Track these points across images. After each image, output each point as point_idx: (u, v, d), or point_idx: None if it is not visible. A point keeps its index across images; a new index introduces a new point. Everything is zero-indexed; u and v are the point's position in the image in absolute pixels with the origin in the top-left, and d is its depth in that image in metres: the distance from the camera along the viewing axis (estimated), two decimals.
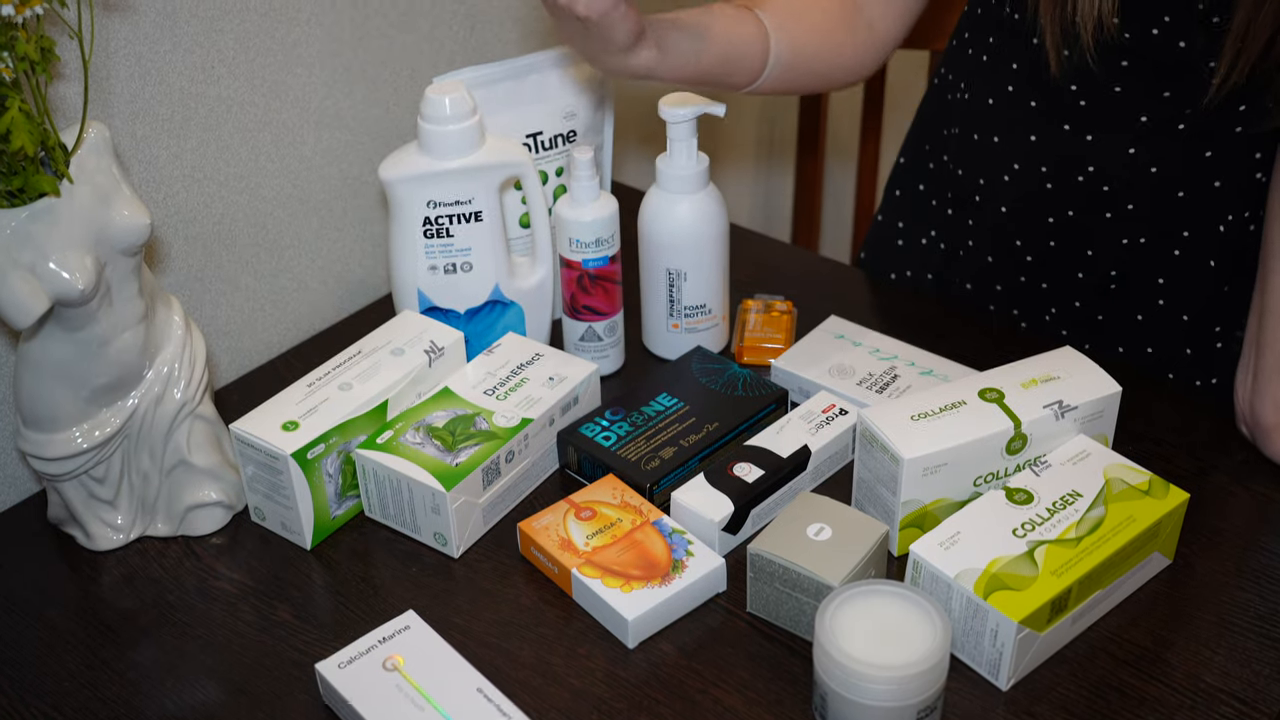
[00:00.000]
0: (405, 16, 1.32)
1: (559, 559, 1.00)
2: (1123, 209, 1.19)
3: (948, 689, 0.91)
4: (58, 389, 0.99)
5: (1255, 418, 1.11)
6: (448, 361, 1.14)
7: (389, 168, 1.14)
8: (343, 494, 1.08)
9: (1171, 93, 1.12)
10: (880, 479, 1.01)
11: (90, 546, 1.07)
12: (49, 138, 0.91)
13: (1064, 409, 1.01)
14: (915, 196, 1.37)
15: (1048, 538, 0.94)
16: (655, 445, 1.10)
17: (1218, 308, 1.23)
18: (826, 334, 1.24)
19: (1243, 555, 1.03)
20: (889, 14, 1.18)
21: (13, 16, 0.83)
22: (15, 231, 0.90)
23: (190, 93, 1.17)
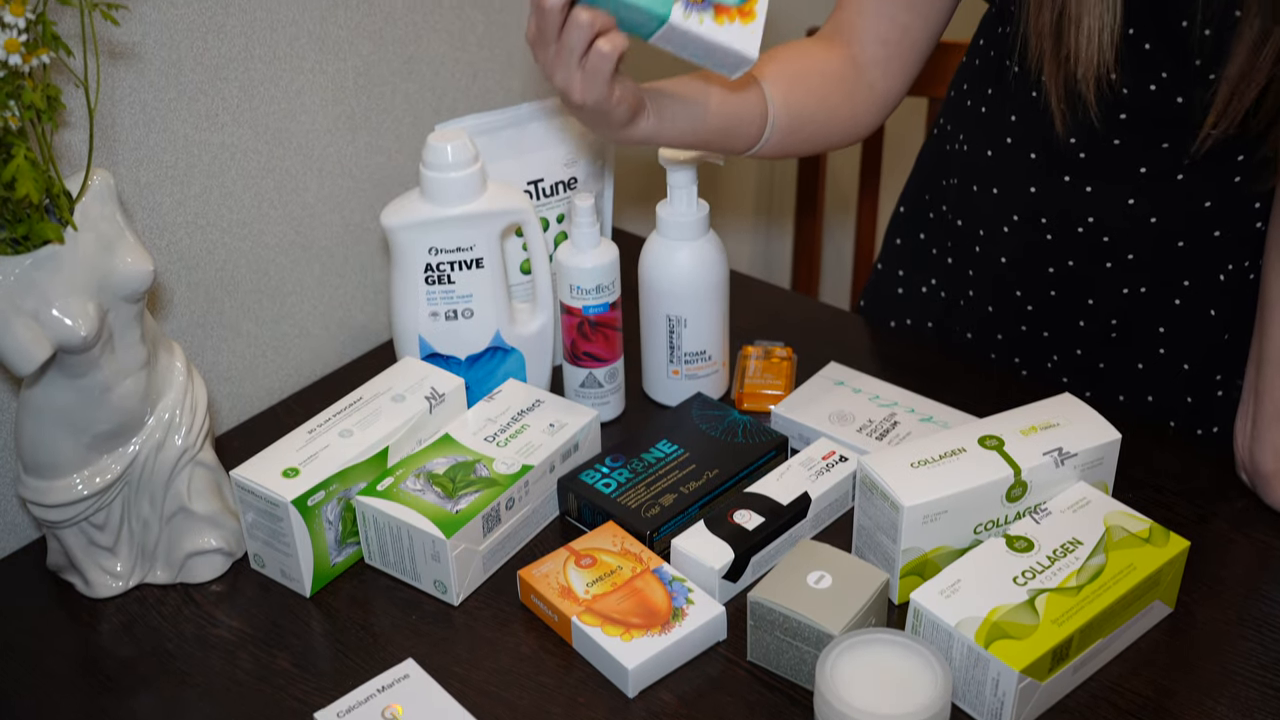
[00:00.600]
0: (408, 64, 1.33)
1: (559, 607, 1.00)
2: (1123, 259, 1.19)
3: None
4: (59, 435, 0.99)
5: (1255, 465, 1.11)
6: (448, 408, 1.14)
7: (391, 214, 1.14)
8: (343, 541, 1.07)
9: (1170, 144, 1.13)
10: (880, 526, 1.01)
11: (89, 594, 1.06)
12: (54, 185, 0.92)
13: (1064, 456, 1.01)
14: (915, 245, 1.38)
15: (1048, 586, 0.94)
16: (655, 492, 1.10)
17: (1218, 356, 1.23)
18: (826, 380, 1.24)
19: (1244, 604, 1.03)
20: (889, 74, 1.18)
21: (20, 66, 0.84)
22: (19, 278, 0.91)
23: (194, 140, 1.17)
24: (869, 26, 1.17)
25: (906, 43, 1.18)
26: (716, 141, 1.07)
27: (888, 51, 1.18)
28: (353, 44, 1.27)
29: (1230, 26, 1.02)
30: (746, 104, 1.08)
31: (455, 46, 1.37)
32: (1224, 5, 1.01)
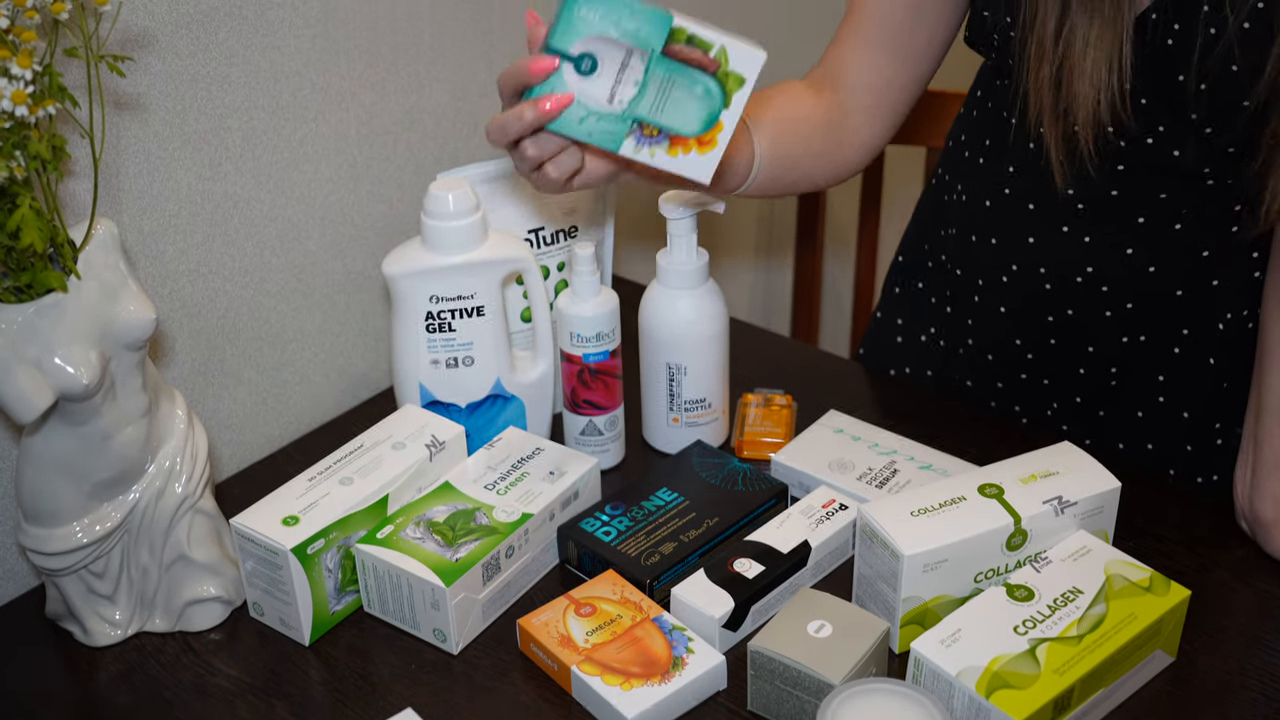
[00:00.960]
0: (410, 114, 1.34)
1: (558, 656, 0.99)
2: (1122, 308, 1.20)
3: None
4: (59, 483, 0.99)
5: (1255, 513, 1.10)
6: (449, 456, 1.14)
7: (392, 263, 1.15)
8: (342, 589, 1.07)
9: (1167, 195, 1.13)
10: (881, 575, 1.01)
11: (88, 642, 1.06)
12: (58, 234, 0.92)
13: (1064, 504, 1.01)
14: (914, 294, 1.38)
15: (1049, 635, 0.94)
16: (655, 540, 1.10)
17: (1218, 405, 1.23)
18: (826, 429, 1.24)
19: (1246, 653, 1.02)
20: (872, 122, 1.20)
21: (26, 117, 0.84)
22: (22, 326, 0.91)
23: (197, 189, 1.18)
24: (855, 75, 1.19)
25: (891, 92, 1.20)
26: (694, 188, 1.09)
27: (873, 100, 1.20)
28: (355, 94, 1.28)
29: (1227, 82, 1.02)
30: (735, 149, 1.09)
31: (457, 97, 1.38)
32: (1221, 61, 1.02)
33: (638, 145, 0.96)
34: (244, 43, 1.17)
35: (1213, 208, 1.13)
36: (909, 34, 1.17)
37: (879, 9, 1.17)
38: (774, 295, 2.04)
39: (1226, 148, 1.07)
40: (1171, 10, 1.04)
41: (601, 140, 0.95)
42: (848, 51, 1.19)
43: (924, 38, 1.18)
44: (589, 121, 0.95)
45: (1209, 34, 1.02)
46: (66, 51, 0.90)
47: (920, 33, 1.18)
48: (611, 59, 0.93)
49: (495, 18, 1.40)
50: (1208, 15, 1.02)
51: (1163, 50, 1.05)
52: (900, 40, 1.18)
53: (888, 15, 1.17)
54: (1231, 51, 1.01)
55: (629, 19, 0.92)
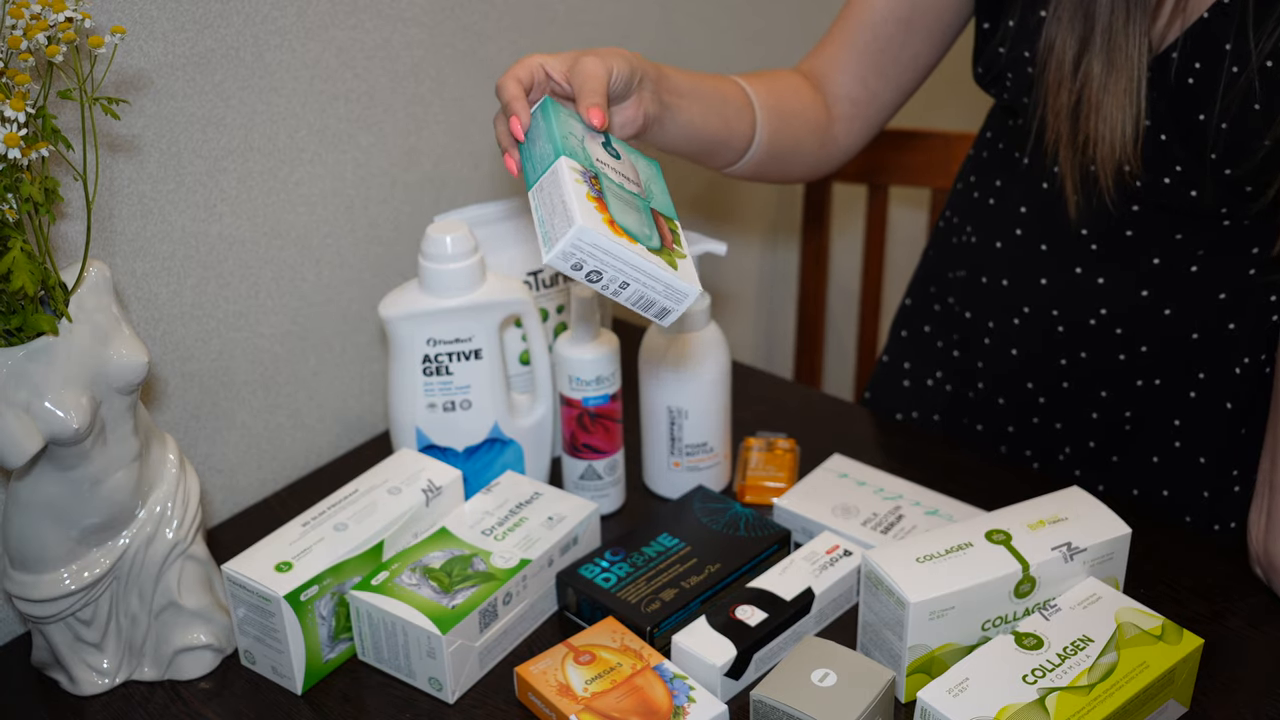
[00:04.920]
0: (408, 155, 1.35)
1: (557, 705, 0.99)
2: (1136, 351, 1.20)
3: None
4: (47, 528, 0.99)
5: (1270, 560, 1.10)
6: (445, 501, 1.14)
7: (389, 305, 1.16)
8: (336, 637, 1.07)
9: (1183, 235, 1.14)
10: (886, 622, 1.01)
11: (75, 692, 1.06)
12: (49, 277, 0.92)
13: (1073, 551, 1.01)
14: (921, 338, 1.39)
15: (1059, 684, 0.93)
16: (656, 587, 1.10)
17: (1235, 451, 1.23)
18: (830, 473, 1.24)
19: (1260, 703, 1.02)
20: (851, 131, 1.23)
21: (19, 159, 0.85)
22: (11, 370, 0.91)
23: (191, 231, 1.19)
24: (842, 84, 1.20)
25: (873, 106, 1.22)
26: (699, 156, 1.10)
27: (854, 111, 1.21)
28: (352, 136, 1.29)
29: (1247, 119, 1.03)
30: (737, 130, 1.11)
31: (456, 137, 1.39)
32: (1241, 99, 1.03)
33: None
34: (240, 85, 1.18)
35: (1229, 249, 1.14)
36: (898, 49, 1.19)
37: (872, 18, 1.18)
38: (776, 338, 2.05)
39: (1244, 186, 1.07)
40: (1192, 49, 1.04)
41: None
42: (838, 56, 1.20)
43: (910, 56, 1.19)
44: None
45: (1231, 72, 1.03)
46: (61, 94, 0.91)
47: (908, 50, 1.19)
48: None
49: (493, 58, 1.41)
50: (1229, 54, 1.03)
51: (1183, 89, 1.06)
52: (889, 55, 1.19)
53: (879, 26, 1.18)
54: (1253, 88, 1.02)
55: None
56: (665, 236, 0.91)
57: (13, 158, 0.84)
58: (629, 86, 0.98)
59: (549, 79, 0.96)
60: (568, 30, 1.48)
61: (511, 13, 1.41)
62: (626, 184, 0.93)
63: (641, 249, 0.87)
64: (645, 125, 1.00)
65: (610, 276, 0.87)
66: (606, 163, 0.93)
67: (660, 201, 0.94)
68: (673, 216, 0.94)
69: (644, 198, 0.93)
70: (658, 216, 0.92)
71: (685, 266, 0.90)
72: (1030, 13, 1.09)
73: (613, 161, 0.94)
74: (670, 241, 0.91)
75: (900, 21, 1.17)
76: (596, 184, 0.90)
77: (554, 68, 0.96)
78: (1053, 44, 1.06)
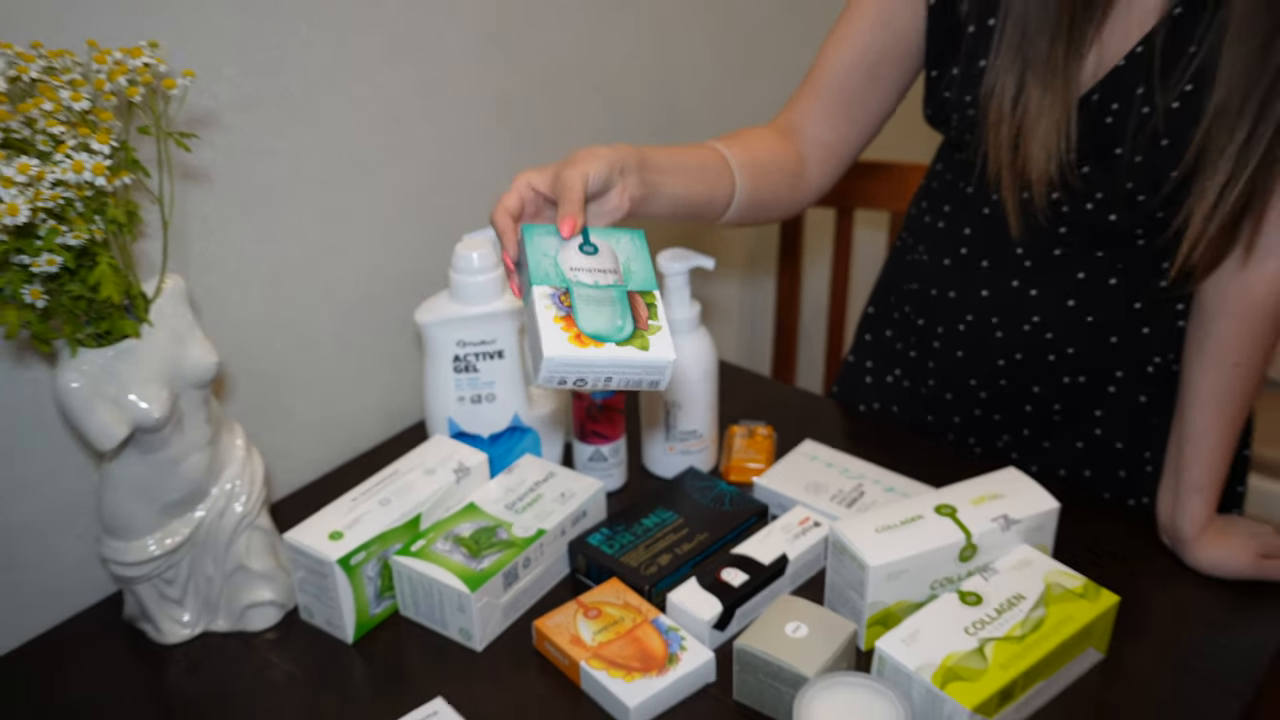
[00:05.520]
0: (438, 182, 1.35)
1: (569, 653, 1.00)
2: (1063, 352, 1.20)
3: None
4: (135, 503, 0.99)
5: (1176, 531, 1.11)
6: (473, 480, 1.14)
7: (424, 313, 1.16)
8: (381, 595, 1.07)
9: (1104, 253, 1.14)
10: (849, 583, 1.01)
11: (160, 640, 1.06)
12: (132, 288, 0.93)
13: (1009, 522, 1.02)
14: (882, 341, 1.38)
15: (996, 635, 0.94)
16: (653, 553, 1.10)
17: (1147, 437, 1.23)
18: (802, 456, 1.24)
19: (1166, 651, 1.03)
20: (823, 173, 1.20)
21: (105, 186, 0.85)
22: (102, 368, 0.92)
23: (252, 249, 1.19)
24: (814, 132, 1.18)
25: (841, 150, 1.20)
26: (688, 218, 1.08)
27: (825, 154, 1.19)
28: (387, 163, 1.29)
29: (1157, 154, 1.03)
30: (719, 191, 1.09)
31: (479, 167, 1.38)
32: (1151, 137, 1.03)
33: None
34: (291, 121, 1.18)
35: (1143, 265, 1.14)
36: (862, 98, 1.17)
37: (838, 74, 1.16)
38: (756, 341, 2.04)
39: (1155, 212, 1.07)
40: (1109, 92, 1.04)
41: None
42: (809, 108, 1.18)
43: (873, 103, 1.17)
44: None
45: (1142, 113, 1.03)
46: (140, 129, 0.90)
47: (871, 99, 1.17)
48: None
49: (512, 99, 1.40)
50: (1141, 97, 1.03)
51: (1102, 126, 1.06)
52: (855, 104, 1.17)
53: (845, 79, 1.16)
54: (1159, 128, 1.02)
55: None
56: (640, 316, 0.88)
57: (100, 185, 0.84)
58: (608, 181, 0.94)
59: (537, 195, 0.93)
60: (575, 74, 1.48)
61: (525, 59, 1.41)
62: (602, 278, 0.90)
63: (610, 347, 0.85)
64: (632, 207, 0.97)
65: (593, 379, 0.86)
66: (581, 267, 0.90)
67: (639, 278, 0.91)
68: (651, 289, 0.91)
69: (620, 284, 0.90)
70: (634, 297, 0.89)
71: (658, 340, 0.87)
72: (972, 62, 1.09)
73: (588, 262, 0.91)
74: (645, 319, 0.88)
75: (864, 75, 1.16)
76: (566, 299, 0.87)
77: (539, 184, 0.93)
78: (992, 88, 1.05)
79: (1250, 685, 0.99)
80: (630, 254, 0.94)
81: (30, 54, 0.85)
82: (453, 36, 1.31)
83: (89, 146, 0.84)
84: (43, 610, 1.12)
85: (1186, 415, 1.11)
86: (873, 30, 1.14)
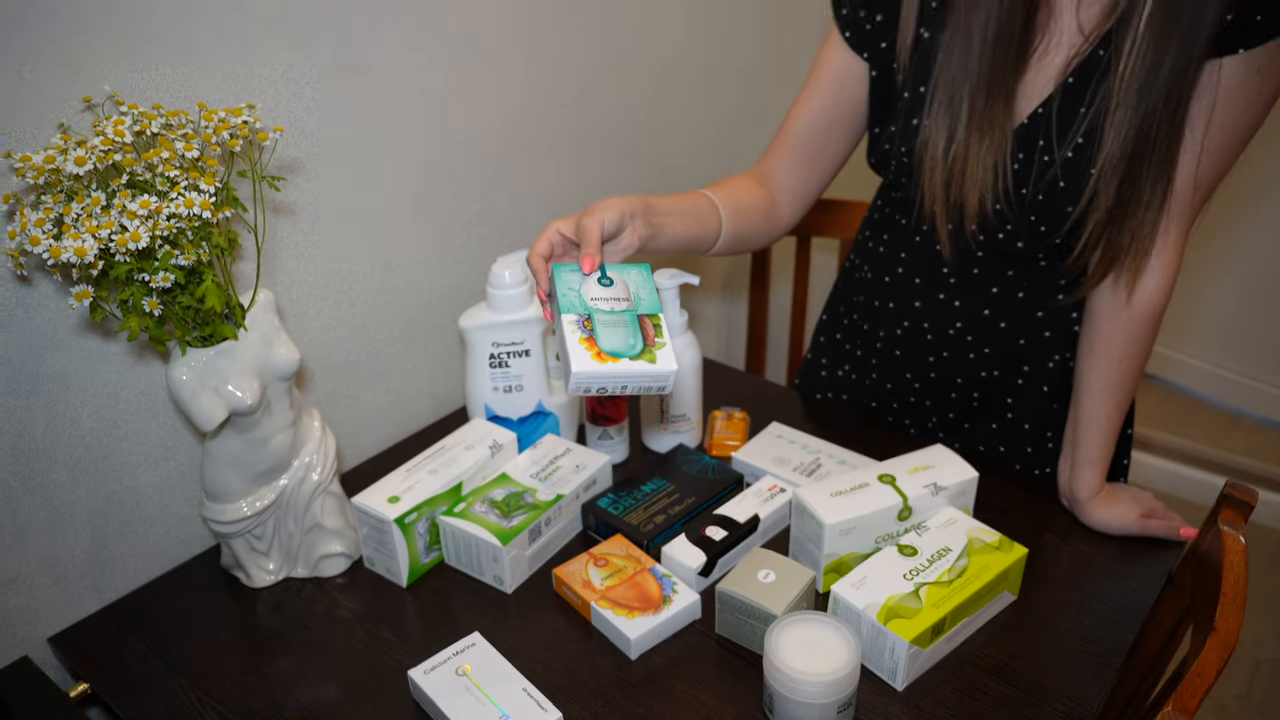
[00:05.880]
0: (479, 215, 1.35)
1: (582, 595, 1.00)
2: (981, 352, 1.20)
3: (859, 690, 0.90)
4: (231, 473, 0.99)
5: (1073, 495, 1.11)
6: (505, 454, 1.14)
7: (465, 319, 1.15)
8: (430, 547, 1.07)
9: (1014, 272, 1.13)
10: (809, 537, 1.01)
11: (250, 585, 1.06)
12: (231, 300, 0.93)
13: (938, 488, 1.02)
14: (834, 343, 1.38)
15: (928, 580, 0.94)
16: (651, 513, 1.09)
17: (1049, 419, 1.22)
18: (771, 435, 1.24)
19: (1066, 593, 1.02)
20: (790, 212, 1.21)
21: (210, 218, 0.86)
22: (206, 364, 0.92)
23: (328, 269, 1.19)
24: (782, 178, 1.19)
25: (805, 192, 1.21)
26: (685, 251, 1.09)
27: (791, 197, 1.20)
28: (439, 202, 1.29)
29: (1055, 195, 1.03)
30: (709, 229, 1.10)
31: (512, 203, 1.38)
32: (1051, 180, 1.02)
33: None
34: (361, 168, 1.18)
35: (1045, 282, 1.13)
36: (820, 151, 1.18)
37: (801, 133, 1.17)
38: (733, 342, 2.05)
39: (1055, 241, 1.07)
40: (1017, 145, 1.04)
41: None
42: (779, 160, 1.19)
43: (830, 155, 1.18)
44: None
45: (1043, 161, 1.03)
46: (239, 173, 0.91)
47: (828, 151, 1.18)
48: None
49: (540, 149, 1.40)
50: (1041, 148, 1.03)
51: (1012, 172, 1.05)
52: (813, 156, 1.18)
53: (807, 139, 1.17)
54: (1057, 174, 1.02)
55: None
56: (648, 335, 0.89)
57: (205, 218, 0.85)
58: (620, 226, 0.96)
59: (563, 238, 0.95)
60: (590, 138, 1.48)
61: (550, 125, 1.40)
62: (617, 305, 0.91)
63: (625, 362, 0.86)
64: (641, 245, 0.99)
65: (612, 387, 0.87)
66: (600, 297, 0.91)
67: (647, 303, 0.92)
68: (657, 311, 0.91)
69: (632, 309, 0.91)
70: (643, 320, 0.90)
71: (663, 354, 0.88)
72: (908, 121, 1.09)
73: (605, 293, 0.92)
74: (652, 337, 0.89)
75: (820, 133, 1.17)
76: (589, 324, 0.88)
77: (565, 229, 0.95)
78: (926, 141, 1.06)
79: (1136, 621, 0.99)
80: (639, 284, 0.94)
81: (152, 113, 0.86)
82: (491, 102, 1.30)
83: (198, 187, 0.85)
84: (157, 559, 1.11)
85: (1080, 402, 1.11)
86: (825, 98, 1.16)
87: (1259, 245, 2.61)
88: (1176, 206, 1.00)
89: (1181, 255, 1.04)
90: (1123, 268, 1.04)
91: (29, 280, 0.93)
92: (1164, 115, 0.95)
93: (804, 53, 1.58)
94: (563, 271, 0.93)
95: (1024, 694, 0.91)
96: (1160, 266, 1.03)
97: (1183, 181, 0.99)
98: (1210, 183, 1.00)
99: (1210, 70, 0.94)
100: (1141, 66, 0.94)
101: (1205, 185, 1.00)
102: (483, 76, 1.28)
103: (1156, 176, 0.97)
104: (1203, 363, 2.82)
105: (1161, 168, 0.97)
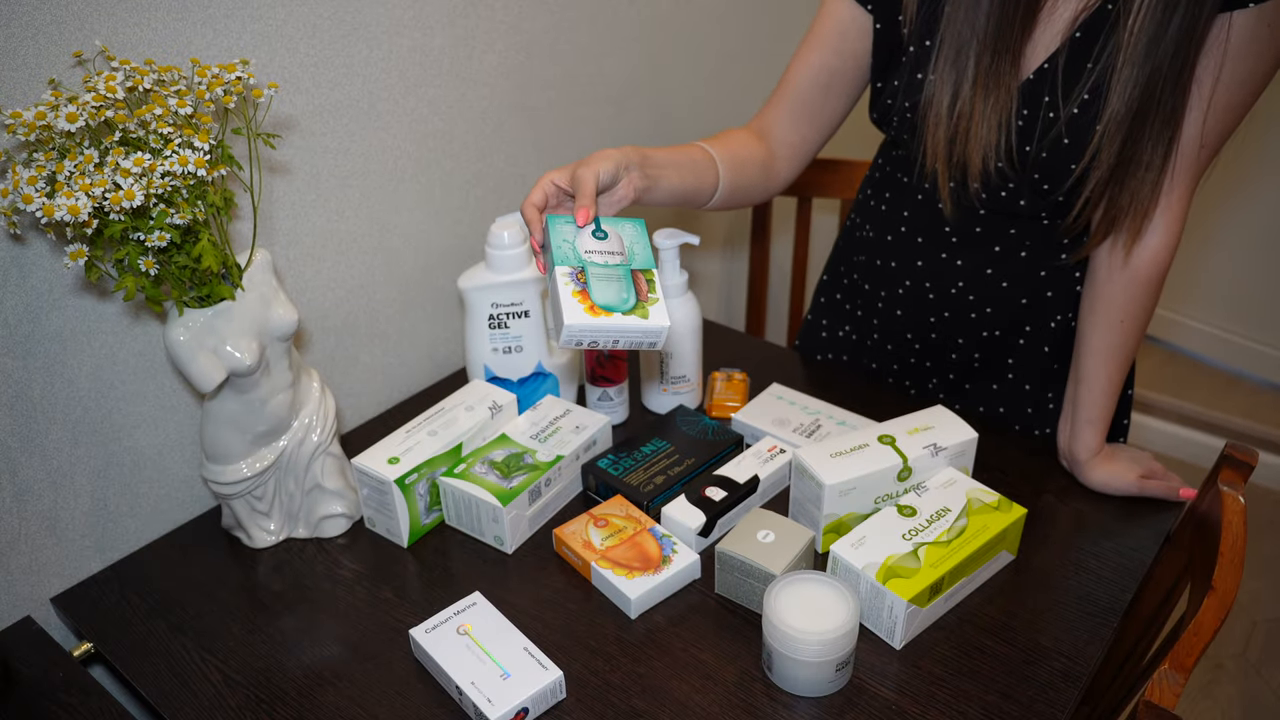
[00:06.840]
0: (477, 175, 1.34)
1: (582, 555, 1.00)
2: (983, 311, 1.19)
3: (858, 648, 0.90)
4: (230, 434, 0.99)
5: (1073, 456, 1.11)
6: (505, 415, 1.14)
7: (464, 280, 1.15)
8: (430, 508, 1.07)
9: (1016, 231, 1.13)
10: (809, 498, 1.01)
11: (251, 545, 1.07)
12: (228, 259, 0.93)
13: (938, 449, 1.02)
14: (834, 304, 1.38)
15: (927, 540, 0.94)
16: (650, 474, 1.10)
17: (1050, 380, 1.22)
18: (771, 396, 1.24)
19: (1065, 552, 1.03)
20: (788, 167, 1.20)
21: (205, 177, 0.85)
22: (203, 324, 0.92)
23: (326, 229, 1.18)
24: (780, 134, 1.19)
25: (804, 148, 1.20)
26: (682, 204, 1.09)
27: (790, 153, 1.20)
28: (438, 161, 1.28)
29: (1059, 152, 1.02)
30: (706, 182, 1.10)
31: (509, 163, 1.38)
32: (1055, 137, 1.02)
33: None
34: (359, 125, 1.17)
35: (1047, 240, 1.13)
36: (819, 106, 1.17)
37: (800, 88, 1.16)
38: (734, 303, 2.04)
39: (1057, 199, 1.06)
40: (1022, 100, 1.03)
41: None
42: (777, 115, 1.18)
43: (829, 111, 1.17)
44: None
45: (1048, 118, 1.02)
46: (234, 131, 0.91)
47: (827, 107, 1.17)
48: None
49: (538, 109, 1.39)
50: (1047, 104, 1.02)
51: (1016, 129, 1.05)
52: (813, 111, 1.17)
53: (807, 94, 1.16)
54: (1061, 131, 1.01)
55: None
56: (641, 290, 0.89)
57: (200, 175, 0.85)
58: (616, 177, 0.95)
59: (558, 189, 0.94)
60: (588, 90, 1.47)
61: (547, 78, 1.39)
62: (610, 259, 0.90)
63: (617, 316, 0.86)
64: (636, 196, 0.98)
65: (604, 341, 0.86)
66: (594, 249, 0.91)
67: (640, 259, 0.91)
68: (650, 267, 0.91)
69: (625, 263, 0.90)
70: (636, 275, 0.90)
71: (655, 310, 0.87)
72: (912, 76, 1.08)
73: (599, 245, 0.91)
74: (645, 293, 0.88)
75: (820, 88, 1.16)
76: (582, 276, 0.88)
77: (560, 180, 0.94)
78: (931, 97, 1.05)
79: (1134, 579, 0.99)
80: (633, 238, 0.94)
81: (145, 69, 0.85)
82: (489, 60, 1.29)
83: (192, 144, 0.84)
84: (159, 520, 1.12)
85: (1081, 363, 1.10)
86: (825, 51, 1.14)
87: (1261, 208, 2.60)
88: (1182, 164, 0.99)
89: (1185, 215, 1.03)
90: (1123, 228, 1.03)
91: (23, 239, 0.92)
92: (1170, 73, 0.94)
93: (805, 5, 1.56)
94: (557, 223, 0.92)
95: (1021, 652, 0.92)
96: (1163, 226, 1.03)
97: (1188, 140, 0.98)
98: (1216, 141, 0.99)
99: (1220, 25, 0.93)
100: (1151, 20, 0.93)
101: (1211, 144, 0.99)
102: (480, 34, 1.27)
103: (1158, 137, 0.97)
104: (1203, 325, 2.82)
105: (1164, 128, 0.96)
